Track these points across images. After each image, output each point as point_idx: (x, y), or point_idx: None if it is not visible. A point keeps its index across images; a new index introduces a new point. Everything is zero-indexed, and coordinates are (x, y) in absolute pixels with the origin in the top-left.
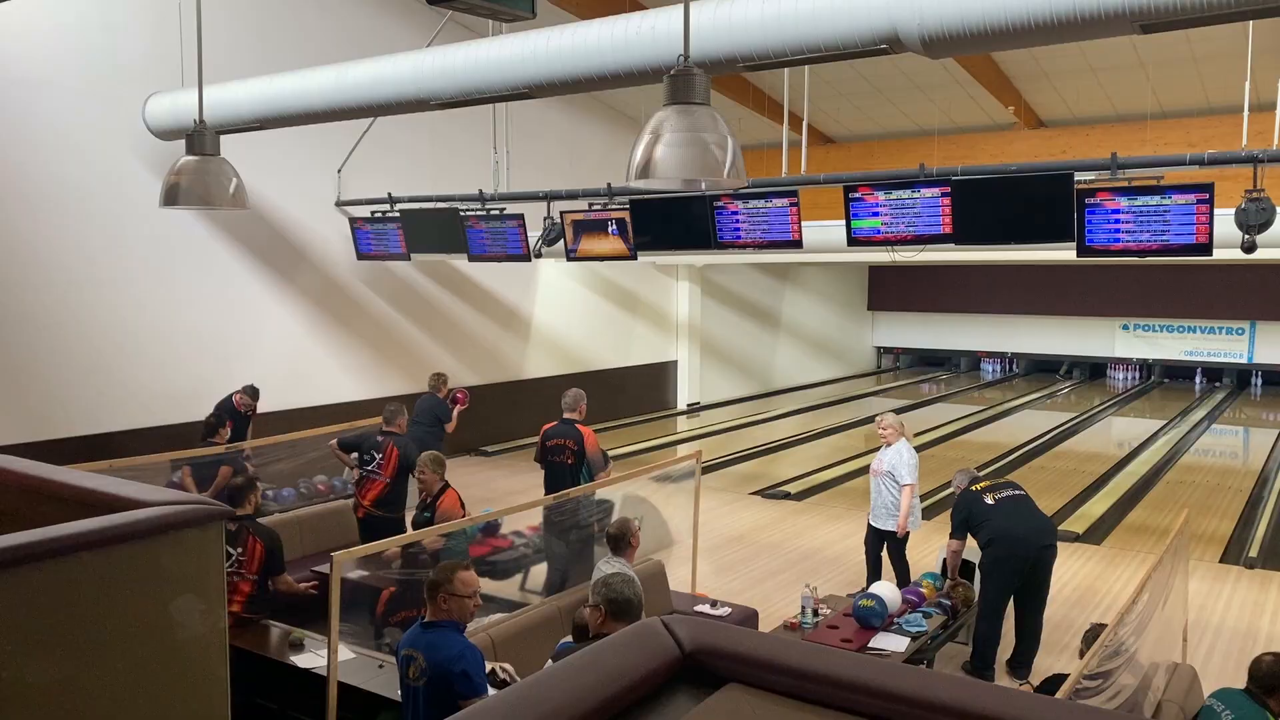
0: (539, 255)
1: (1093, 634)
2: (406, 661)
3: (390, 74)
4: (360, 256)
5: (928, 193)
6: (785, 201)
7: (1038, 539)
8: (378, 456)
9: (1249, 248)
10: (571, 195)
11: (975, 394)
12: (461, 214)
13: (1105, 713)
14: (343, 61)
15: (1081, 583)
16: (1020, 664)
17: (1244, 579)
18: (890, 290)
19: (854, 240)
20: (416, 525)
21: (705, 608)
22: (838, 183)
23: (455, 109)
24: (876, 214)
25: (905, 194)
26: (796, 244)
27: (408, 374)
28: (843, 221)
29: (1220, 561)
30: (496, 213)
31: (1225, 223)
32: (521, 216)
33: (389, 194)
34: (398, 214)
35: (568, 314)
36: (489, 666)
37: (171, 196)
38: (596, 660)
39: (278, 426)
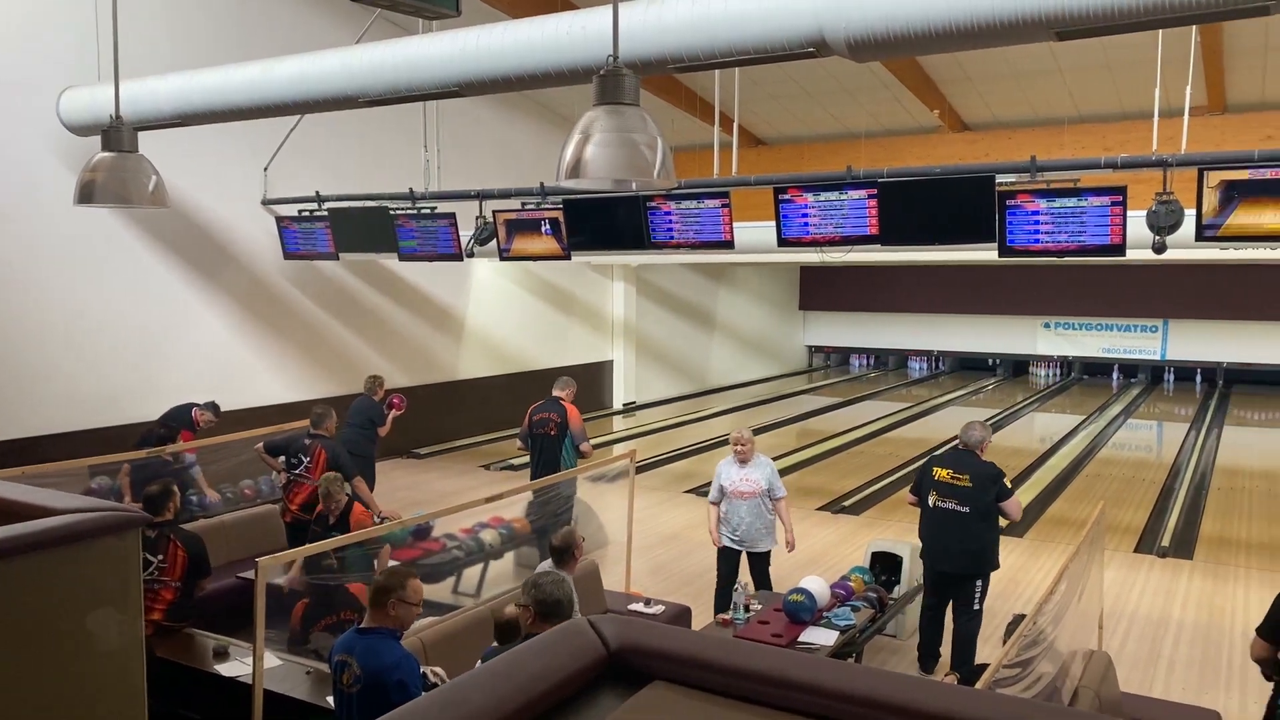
0: (471, 255)
1: (1013, 624)
2: (340, 667)
3: (317, 70)
4: (288, 256)
5: (855, 194)
6: (717, 202)
7: (951, 564)
8: (306, 460)
9: (1159, 248)
10: (504, 194)
11: (903, 391)
12: (392, 213)
13: (1022, 701)
14: (269, 57)
15: (1005, 574)
16: (955, 663)
17: (1157, 567)
18: (821, 290)
19: (784, 241)
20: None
21: (639, 606)
22: (768, 184)
23: (385, 106)
24: (805, 215)
25: (833, 196)
26: (729, 245)
27: (337, 376)
28: (773, 222)
29: (1135, 551)
30: (427, 212)
31: (1137, 224)
32: (453, 215)
33: (317, 192)
34: (326, 213)
35: (502, 314)
36: (420, 670)
37: (87, 194)
38: (521, 661)
39: (203, 430)
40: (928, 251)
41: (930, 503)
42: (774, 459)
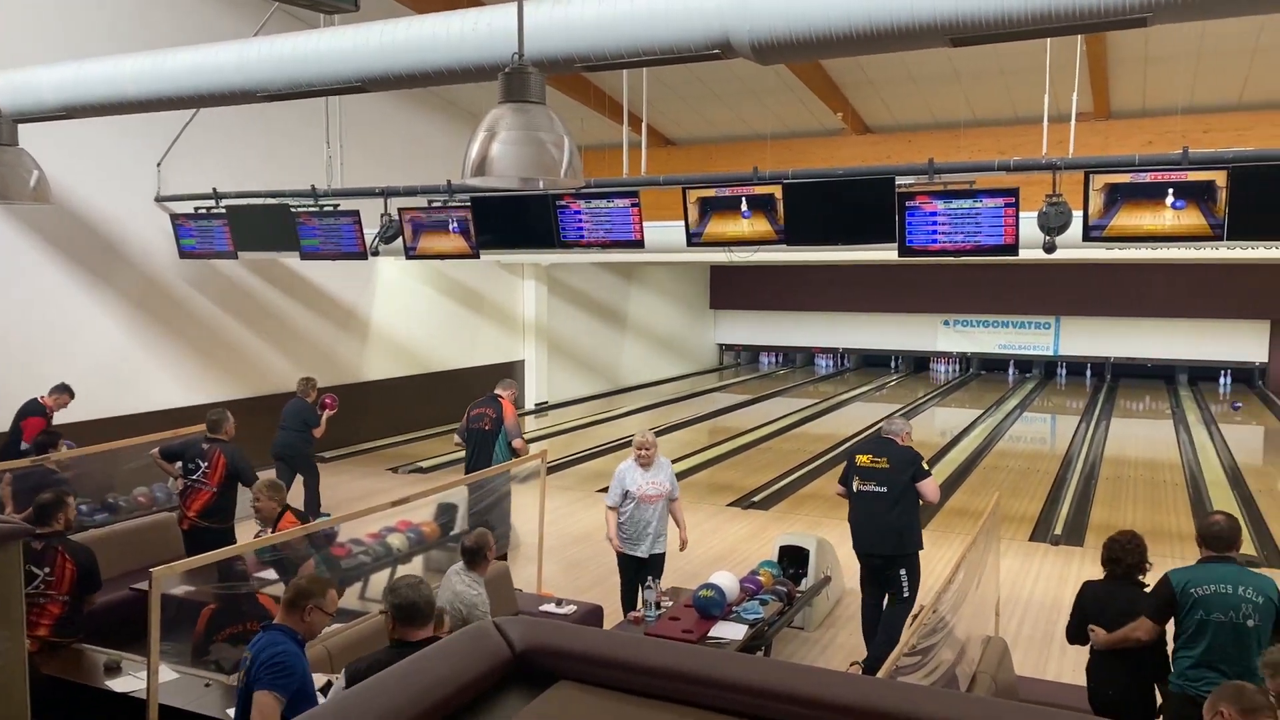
0: (376, 253)
1: (914, 614)
2: (245, 666)
3: (213, 63)
4: (183, 255)
5: (762, 193)
6: (627, 202)
7: (878, 546)
8: (203, 465)
9: (1049, 248)
10: (410, 192)
11: (810, 388)
12: (293, 210)
13: (920, 688)
14: (161, 48)
15: None
16: (878, 649)
17: (1050, 555)
18: (731, 289)
19: (693, 241)
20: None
21: (550, 607)
22: (676, 184)
23: (285, 101)
24: (710, 215)
25: (739, 196)
26: (638, 244)
27: (238, 378)
28: (682, 222)
29: (1030, 540)
30: (330, 209)
31: (1029, 225)
32: (357, 213)
33: (214, 189)
34: (224, 210)
35: (409, 314)
36: (325, 679)
37: None
38: (425, 665)
39: (93, 435)
40: (832, 251)
41: (855, 488)
42: (686, 456)
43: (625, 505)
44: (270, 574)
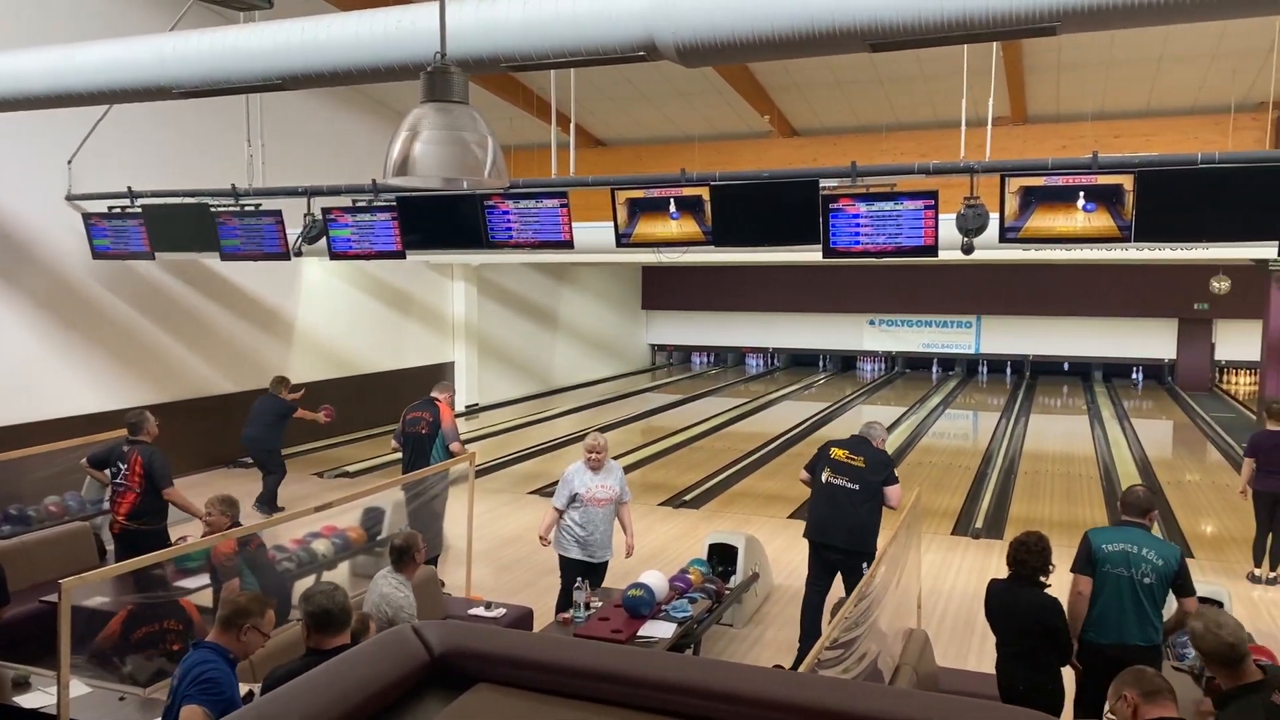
0: (299, 254)
1: (835, 607)
2: (173, 685)
3: (127, 58)
4: (96, 255)
5: (690, 194)
6: (555, 202)
7: (837, 539)
8: (124, 468)
9: (967, 249)
10: (334, 191)
11: (741, 387)
12: (212, 210)
13: (842, 682)
14: (72, 42)
15: None
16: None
17: (971, 548)
18: (663, 290)
19: (622, 242)
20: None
21: (480, 610)
22: (604, 185)
23: (203, 98)
24: (638, 216)
25: (667, 197)
26: (568, 244)
27: (156, 382)
28: (612, 223)
29: (952, 533)
30: (252, 209)
31: (949, 226)
32: (279, 213)
33: (129, 188)
34: (139, 209)
35: (335, 315)
36: (246, 689)
37: None
38: (342, 669)
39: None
40: (761, 252)
41: (823, 478)
42: (618, 457)
43: (575, 508)
44: (191, 582)
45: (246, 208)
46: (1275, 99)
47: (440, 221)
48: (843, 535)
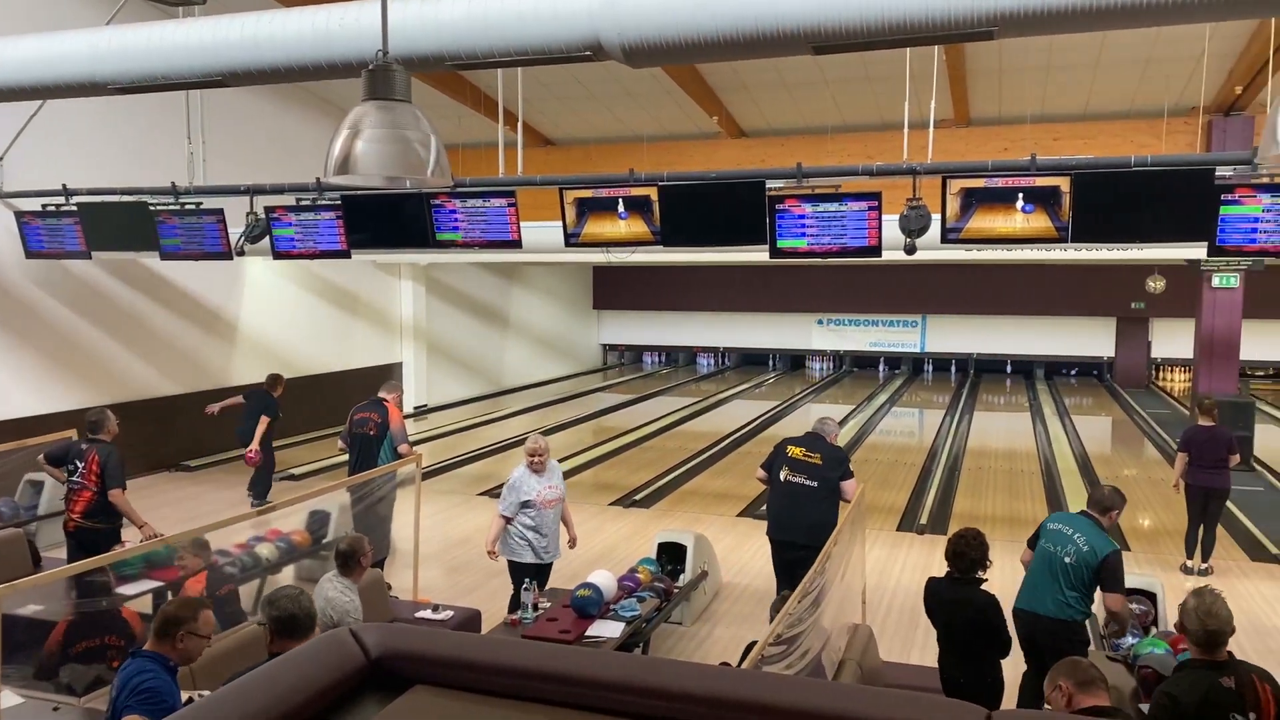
0: (242, 253)
1: (779, 603)
2: (111, 695)
3: (60, 53)
4: (30, 254)
5: (638, 194)
6: (503, 201)
7: (797, 535)
8: (80, 466)
9: (910, 250)
10: (277, 190)
11: (692, 386)
12: (152, 208)
13: (784, 678)
14: (2, 35)
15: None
16: None
17: (916, 544)
18: (614, 289)
19: (570, 241)
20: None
21: (427, 613)
22: (552, 184)
23: (140, 94)
24: (587, 216)
25: (616, 197)
26: (516, 244)
27: (94, 384)
28: (561, 222)
29: (897, 530)
30: (192, 207)
31: (892, 227)
32: (221, 212)
33: (64, 185)
34: (75, 207)
35: (280, 315)
36: (187, 695)
37: None
38: (275, 675)
39: None
40: (710, 252)
41: (781, 477)
42: (570, 456)
43: (526, 513)
44: (130, 588)
45: (187, 206)
46: (1205, 104)
47: (386, 220)
48: (803, 532)
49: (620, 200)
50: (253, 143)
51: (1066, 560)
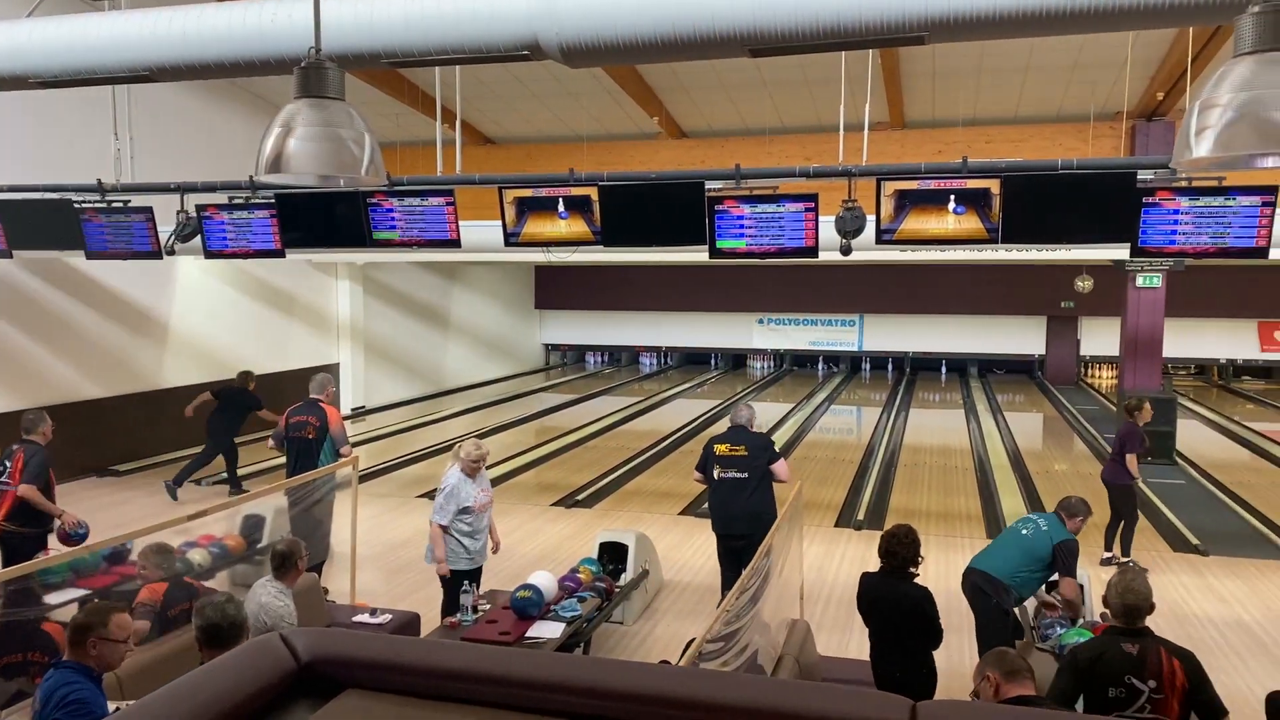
0: (172, 252)
1: (720, 600)
2: (34, 709)
3: None
4: None
5: (578, 194)
6: (441, 200)
7: (738, 527)
8: (8, 466)
9: (845, 250)
10: (209, 187)
11: (635, 386)
12: (76, 206)
13: (720, 674)
14: None
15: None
16: None
17: (854, 539)
18: (557, 289)
19: (510, 241)
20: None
21: (365, 617)
22: (491, 184)
23: (65, 89)
24: (527, 216)
25: (556, 196)
26: (455, 243)
27: (15, 387)
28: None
29: (835, 526)
30: (119, 205)
31: (829, 228)
32: (150, 210)
33: None
34: None
35: (213, 316)
36: (112, 706)
37: None
38: (203, 682)
39: None
40: (651, 252)
41: (715, 475)
42: (511, 457)
43: (464, 519)
44: (54, 597)
45: (114, 204)
46: (1129, 110)
47: (321, 219)
48: (744, 524)
49: (560, 200)
50: (183, 139)
51: (1025, 533)
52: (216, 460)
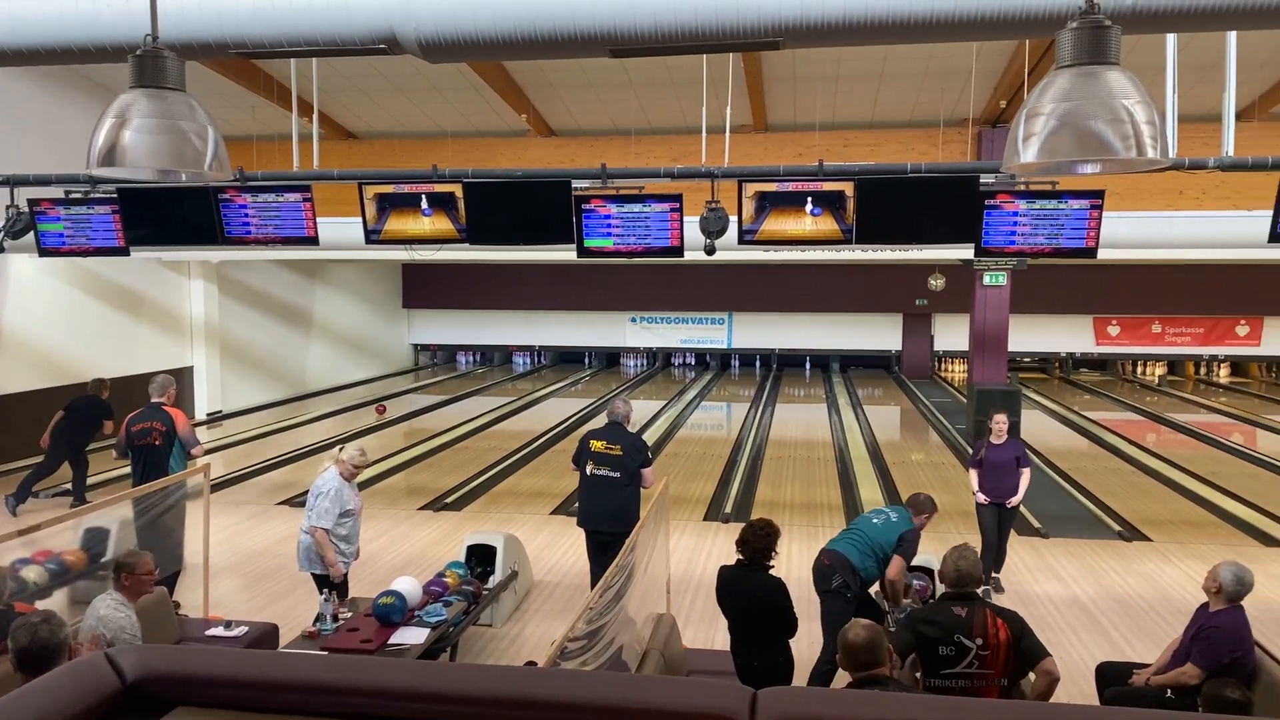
0: (3, 250)
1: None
2: None
3: None
4: None
5: (442, 191)
6: (298, 196)
7: (605, 524)
8: None
9: (710, 250)
10: (42, 180)
11: (508, 385)
12: None
13: (576, 673)
14: None
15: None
16: None
17: (722, 532)
18: (425, 288)
19: (371, 238)
20: None
21: (219, 630)
22: (350, 179)
23: None
24: (389, 212)
25: (419, 193)
26: (312, 240)
27: None
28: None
29: (704, 520)
30: None
31: (694, 228)
32: None
33: None
34: None
35: (51, 317)
36: None
37: None
38: (21, 704)
39: None
40: (521, 251)
41: (588, 470)
42: (378, 461)
43: (342, 523)
44: None
45: None
46: (975, 116)
47: (169, 215)
48: (609, 520)
49: (424, 197)
50: (15, 129)
51: (876, 522)
52: (61, 471)
